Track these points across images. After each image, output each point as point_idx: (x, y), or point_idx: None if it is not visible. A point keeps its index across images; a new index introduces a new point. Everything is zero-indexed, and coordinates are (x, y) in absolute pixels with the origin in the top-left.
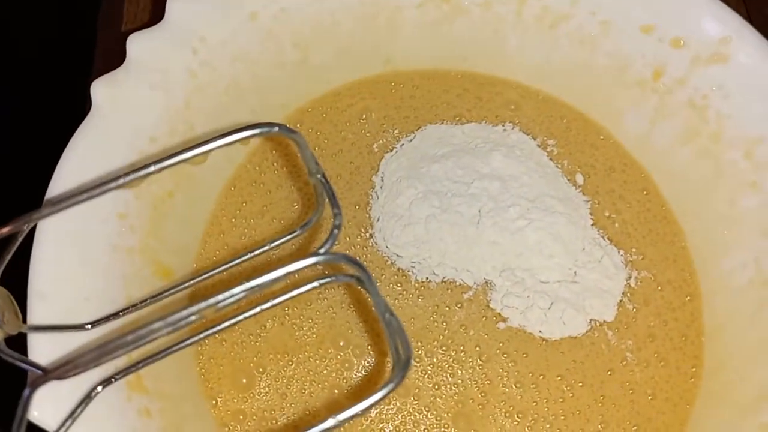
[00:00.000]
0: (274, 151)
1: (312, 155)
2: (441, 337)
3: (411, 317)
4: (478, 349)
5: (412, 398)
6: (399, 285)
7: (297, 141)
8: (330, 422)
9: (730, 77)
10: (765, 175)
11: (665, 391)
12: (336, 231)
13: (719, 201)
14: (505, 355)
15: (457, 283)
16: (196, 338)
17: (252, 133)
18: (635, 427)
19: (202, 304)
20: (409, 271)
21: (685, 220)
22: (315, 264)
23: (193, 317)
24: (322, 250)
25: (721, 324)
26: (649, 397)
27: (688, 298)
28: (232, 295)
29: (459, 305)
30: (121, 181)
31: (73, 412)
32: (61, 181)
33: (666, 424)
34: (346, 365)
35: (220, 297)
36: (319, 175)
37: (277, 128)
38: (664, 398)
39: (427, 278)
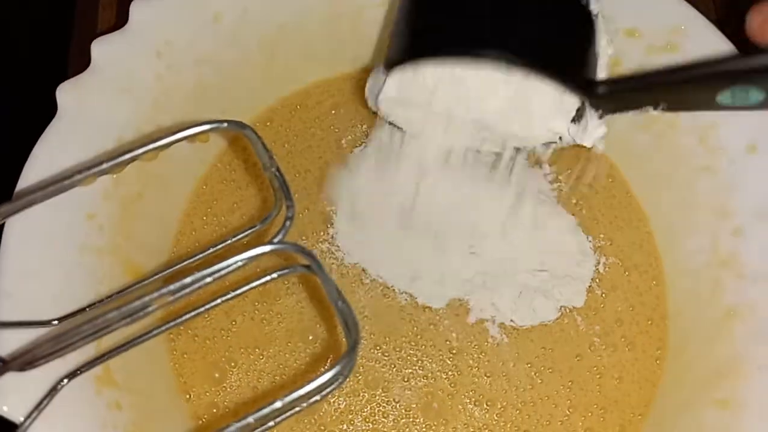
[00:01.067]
0: (244, 150)
1: (264, 149)
2: (410, 333)
3: (376, 314)
4: (447, 343)
5: (380, 390)
6: (361, 282)
7: (247, 136)
8: (277, 404)
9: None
10: (717, 159)
11: (632, 373)
12: (288, 222)
13: (677, 186)
14: (475, 346)
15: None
16: (160, 329)
17: (201, 129)
18: (602, 410)
19: (156, 294)
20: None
21: (648, 205)
22: (265, 253)
23: (149, 308)
24: (275, 240)
25: (682, 306)
26: (616, 381)
27: (654, 282)
28: (185, 285)
29: (426, 308)
30: (75, 178)
31: (39, 403)
32: (27, 185)
33: (632, 406)
34: (316, 359)
35: (173, 286)
36: (273, 169)
37: (226, 124)
38: (630, 380)
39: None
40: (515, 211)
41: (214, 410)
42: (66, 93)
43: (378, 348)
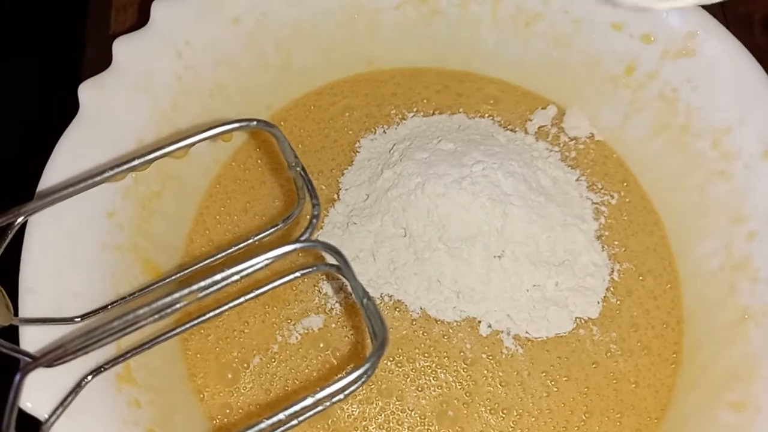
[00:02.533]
0: (258, 149)
1: (291, 148)
2: (422, 345)
3: (389, 327)
4: (461, 354)
5: (394, 399)
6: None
7: (275, 134)
8: (308, 400)
9: (698, 70)
10: (732, 164)
11: (647, 378)
12: (314, 220)
13: (691, 190)
14: (489, 358)
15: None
16: (181, 328)
17: (231, 127)
18: (619, 415)
19: (185, 291)
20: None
21: (662, 209)
22: (294, 251)
23: (178, 304)
24: (302, 238)
25: (697, 309)
26: (633, 386)
27: (669, 285)
28: (215, 282)
29: (438, 321)
30: (105, 174)
31: (64, 400)
32: (49, 183)
33: (648, 410)
34: (327, 366)
35: (203, 283)
36: (298, 168)
37: (255, 122)
38: (646, 385)
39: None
40: (531, 222)
41: (228, 411)
42: (88, 91)
43: (391, 359)
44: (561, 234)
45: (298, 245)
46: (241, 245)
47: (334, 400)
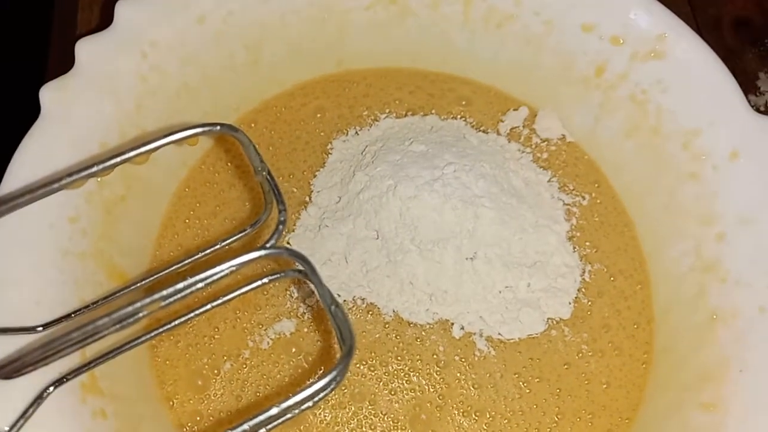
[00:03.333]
0: (227, 152)
1: (256, 153)
2: (395, 348)
3: (361, 331)
4: (434, 356)
5: (367, 403)
6: (343, 298)
7: (240, 139)
8: (274, 410)
9: (667, 72)
10: (701, 166)
11: (619, 378)
12: (281, 227)
13: (662, 191)
14: (462, 360)
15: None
16: (148, 336)
17: (194, 132)
18: (590, 416)
19: (147, 300)
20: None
21: (633, 210)
22: (259, 258)
23: (140, 314)
24: (267, 245)
25: (667, 310)
26: (604, 386)
27: (639, 286)
28: (177, 291)
29: (411, 324)
30: (63, 181)
31: (25, 412)
32: (10, 187)
33: (619, 410)
34: (300, 371)
35: (165, 292)
36: (264, 173)
37: (218, 127)
38: (617, 385)
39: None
40: (503, 224)
41: (198, 418)
42: (50, 93)
43: (364, 363)
44: (533, 235)
45: (263, 252)
46: (208, 251)
47: (303, 407)
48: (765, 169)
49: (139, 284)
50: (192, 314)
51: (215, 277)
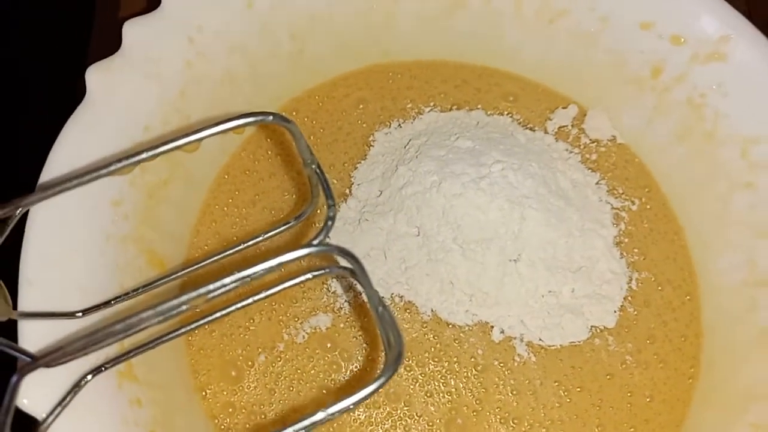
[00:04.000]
0: (268, 140)
1: (307, 145)
2: (432, 349)
3: None
4: (473, 359)
5: (402, 404)
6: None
7: (292, 130)
8: (320, 415)
9: (729, 76)
10: (760, 175)
11: (663, 392)
12: (330, 222)
13: (714, 200)
14: (501, 365)
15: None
16: (187, 329)
17: (246, 121)
18: (632, 429)
19: (193, 294)
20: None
21: (684, 218)
22: (308, 255)
23: (183, 307)
24: (315, 242)
25: (715, 323)
26: (647, 399)
27: (688, 297)
28: (223, 285)
29: (450, 324)
30: (112, 167)
31: (63, 399)
32: (53, 168)
33: (662, 426)
34: (334, 367)
35: (211, 287)
36: (313, 166)
37: (271, 117)
38: (661, 400)
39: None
40: (549, 226)
41: (230, 410)
42: (95, 75)
43: None
44: (579, 239)
45: (312, 249)
46: (250, 242)
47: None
48: None
49: (179, 274)
50: (233, 308)
51: (262, 273)
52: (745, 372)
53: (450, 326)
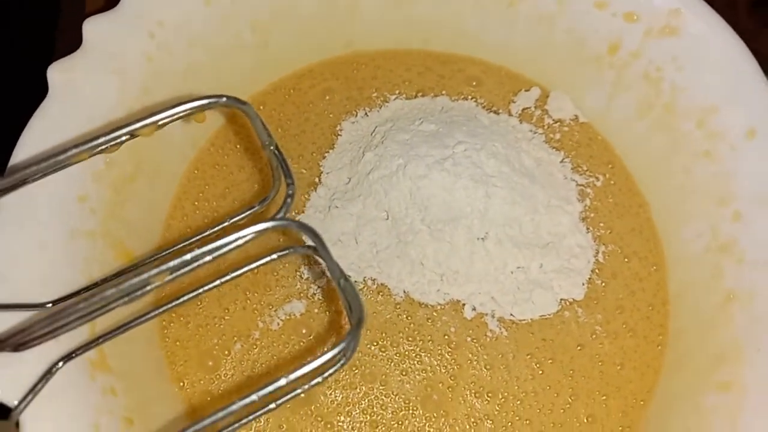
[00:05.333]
0: (236, 134)
1: (264, 126)
2: (406, 329)
3: (372, 311)
4: (446, 337)
5: (378, 384)
6: (353, 279)
7: (247, 112)
8: (282, 381)
9: (682, 49)
10: (717, 145)
11: (633, 360)
12: (289, 200)
13: (676, 171)
14: (474, 341)
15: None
16: (156, 312)
17: (200, 104)
18: (604, 397)
19: (155, 270)
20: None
21: (647, 191)
22: (267, 229)
23: (147, 286)
24: (277, 217)
25: (682, 291)
26: (618, 367)
27: (654, 268)
28: (185, 262)
29: (422, 304)
30: (70, 152)
31: (34, 386)
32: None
33: (634, 392)
34: (310, 352)
35: (172, 263)
36: (271, 147)
37: (225, 99)
38: (632, 367)
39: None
40: (515, 204)
41: (208, 398)
42: (57, 72)
43: (375, 344)
44: (545, 216)
45: (271, 224)
46: (217, 228)
47: (313, 383)
48: None
49: (147, 262)
50: (201, 290)
51: (223, 250)
52: (713, 336)
53: (422, 306)
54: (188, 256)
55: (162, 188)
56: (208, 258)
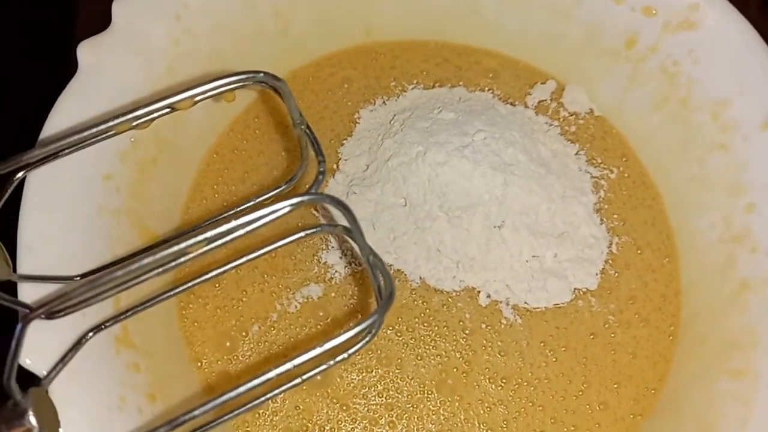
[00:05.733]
0: (256, 119)
1: (296, 105)
2: (422, 314)
3: None
4: (461, 323)
5: (394, 367)
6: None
7: (281, 89)
8: (317, 350)
9: (699, 43)
10: (731, 137)
11: (645, 349)
12: (320, 176)
13: (690, 163)
14: (488, 327)
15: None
16: (181, 288)
17: (238, 78)
18: (616, 385)
19: (191, 240)
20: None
21: (661, 183)
22: (303, 202)
23: (183, 257)
24: (310, 192)
25: (694, 281)
26: (630, 356)
27: (667, 259)
28: (221, 234)
29: (438, 290)
30: (110, 123)
31: (64, 357)
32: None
33: (645, 381)
34: (327, 335)
35: (209, 234)
36: (303, 126)
37: (262, 74)
38: (644, 356)
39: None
40: (531, 192)
41: (226, 379)
42: (86, 51)
43: (391, 328)
44: (560, 205)
45: (306, 197)
46: (244, 206)
47: (339, 358)
48: None
49: (175, 240)
50: (226, 267)
51: (259, 223)
52: (726, 324)
53: (438, 292)
54: (224, 228)
55: (182, 172)
56: (242, 231)
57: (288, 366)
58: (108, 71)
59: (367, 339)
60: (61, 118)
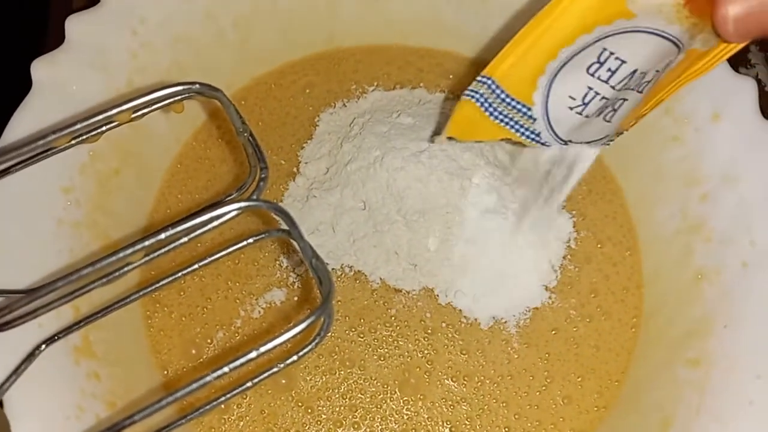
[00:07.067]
0: (219, 128)
1: (237, 113)
2: (383, 315)
3: (350, 298)
4: (422, 323)
5: (357, 368)
6: (331, 267)
7: (219, 99)
8: (253, 353)
9: None
10: (684, 129)
11: (608, 342)
12: (261, 183)
13: (648, 157)
14: (450, 326)
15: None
16: (136, 296)
17: (173, 90)
18: (579, 378)
19: (129, 250)
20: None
21: (621, 177)
22: (239, 209)
23: (126, 267)
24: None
25: (655, 273)
26: (593, 350)
27: (628, 252)
28: (160, 241)
29: (398, 291)
30: (49, 138)
31: (17, 368)
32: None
33: (609, 373)
34: (294, 341)
35: (147, 242)
36: (245, 134)
37: (197, 85)
38: (607, 349)
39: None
40: (489, 196)
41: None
42: (41, 68)
43: (353, 329)
44: (519, 207)
45: (242, 204)
46: (194, 214)
47: (288, 361)
48: (745, 127)
49: (128, 250)
50: (180, 273)
51: (199, 231)
52: (684, 314)
53: (398, 292)
54: (163, 236)
55: (147, 182)
56: (184, 239)
57: (225, 369)
58: (65, 87)
59: (316, 341)
60: (15, 135)
